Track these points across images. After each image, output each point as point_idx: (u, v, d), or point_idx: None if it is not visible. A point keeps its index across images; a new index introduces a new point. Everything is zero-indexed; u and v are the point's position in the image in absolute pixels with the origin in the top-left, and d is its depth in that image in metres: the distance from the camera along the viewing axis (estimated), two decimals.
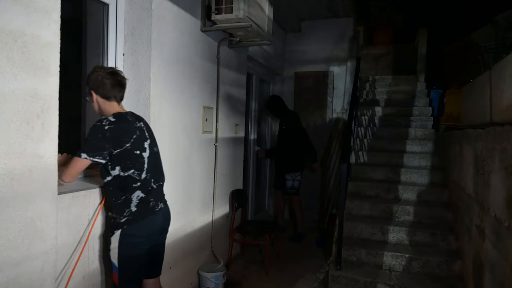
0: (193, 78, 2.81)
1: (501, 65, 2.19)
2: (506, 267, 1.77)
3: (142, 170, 1.80)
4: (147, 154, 1.85)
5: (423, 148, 4.23)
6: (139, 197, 1.79)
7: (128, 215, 1.77)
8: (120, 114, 1.81)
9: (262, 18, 3.05)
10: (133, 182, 1.77)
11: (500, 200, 1.88)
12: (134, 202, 1.78)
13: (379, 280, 2.82)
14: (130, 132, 1.78)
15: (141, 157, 1.80)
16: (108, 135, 1.68)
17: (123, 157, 1.72)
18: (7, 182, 1.32)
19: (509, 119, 1.96)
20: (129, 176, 1.75)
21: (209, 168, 3.16)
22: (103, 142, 1.67)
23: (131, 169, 1.75)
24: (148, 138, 1.89)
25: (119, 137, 1.72)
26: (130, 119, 1.84)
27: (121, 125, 1.75)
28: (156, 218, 1.88)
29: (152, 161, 1.88)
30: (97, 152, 1.66)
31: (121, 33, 2.33)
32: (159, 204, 1.91)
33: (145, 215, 1.82)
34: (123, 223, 1.77)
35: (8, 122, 1.31)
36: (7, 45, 1.30)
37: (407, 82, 5.46)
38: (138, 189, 1.79)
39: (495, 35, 5.58)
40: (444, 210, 3.36)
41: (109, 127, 1.69)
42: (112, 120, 1.73)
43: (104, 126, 1.69)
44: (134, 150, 1.77)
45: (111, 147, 1.69)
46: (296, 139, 4.33)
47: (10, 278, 1.35)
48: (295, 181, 4.32)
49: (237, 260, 3.66)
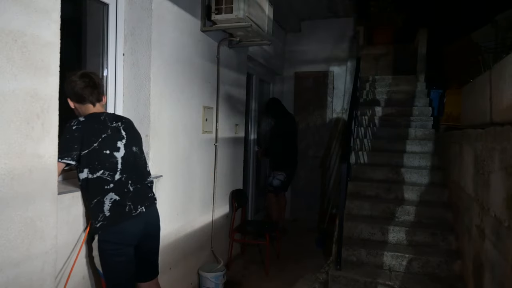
0: (193, 78, 2.81)
1: (501, 65, 2.19)
2: (506, 267, 1.77)
3: (115, 170, 1.72)
4: (121, 154, 1.76)
5: (423, 148, 4.23)
6: (112, 200, 1.70)
7: (102, 220, 1.69)
8: (92, 114, 1.75)
9: (262, 18, 3.05)
10: (105, 184, 1.69)
11: (500, 200, 1.88)
12: (107, 205, 1.69)
13: (379, 280, 2.82)
14: (99, 131, 1.71)
15: (112, 157, 1.72)
16: (76, 135, 1.64)
17: (91, 157, 1.66)
18: (7, 182, 1.32)
19: (509, 119, 1.96)
20: (98, 177, 1.67)
21: (209, 168, 3.16)
22: (72, 143, 1.63)
23: (100, 170, 1.68)
24: (124, 138, 1.81)
25: (86, 137, 1.66)
26: (103, 118, 1.77)
27: (89, 124, 1.69)
28: (133, 224, 1.76)
29: (129, 161, 1.80)
30: (66, 153, 1.61)
31: (121, 33, 2.33)
32: (139, 208, 1.79)
33: (118, 220, 1.71)
34: (98, 228, 1.70)
35: (8, 122, 1.31)
36: (7, 45, 1.30)
37: (407, 82, 5.46)
38: (111, 191, 1.70)
39: (495, 35, 5.58)
40: (444, 210, 3.36)
41: (77, 127, 1.65)
42: (81, 120, 1.68)
43: (72, 127, 1.65)
44: (103, 149, 1.69)
45: (79, 147, 1.64)
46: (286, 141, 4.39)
47: (10, 278, 1.35)
48: (275, 179, 4.31)
49: (237, 260, 3.66)
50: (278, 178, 4.31)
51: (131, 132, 1.88)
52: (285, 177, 4.33)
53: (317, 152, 5.05)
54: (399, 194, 3.70)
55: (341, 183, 3.00)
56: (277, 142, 4.39)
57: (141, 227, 1.82)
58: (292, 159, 4.46)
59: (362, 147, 4.45)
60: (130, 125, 1.92)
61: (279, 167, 4.35)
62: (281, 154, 4.36)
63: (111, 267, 1.74)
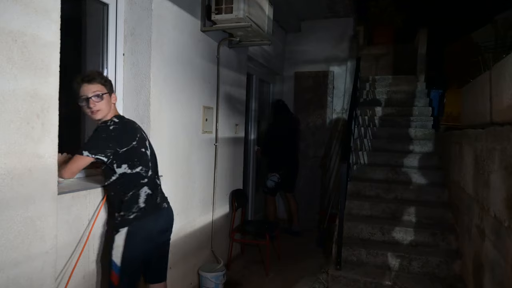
0: (193, 78, 2.81)
1: (501, 65, 2.19)
2: (506, 267, 1.77)
3: (148, 167, 1.85)
4: (149, 152, 1.90)
5: (423, 148, 4.23)
6: (146, 193, 1.83)
7: (137, 211, 1.80)
8: (122, 116, 1.87)
9: (262, 18, 3.05)
10: (141, 179, 1.82)
11: (500, 200, 1.88)
12: (142, 198, 1.82)
13: (379, 280, 2.82)
14: (135, 131, 1.83)
15: (146, 155, 1.85)
16: (113, 135, 1.71)
17: (130, 155, 1.76)
18: (7, 182, 1.32)
19: (509, 119, 1.96)
20: (137, 173, 1.80)
21: (209, 168, 3.16)
22: (107, 141, 1.70)
23: (139, 166, 1.80)
24: (147, 138, 1.95)
25: (125, 136, 1.76)
26: (130, 120, 1.90)
27: (125, 125, 1.80)
28: (161, 216, 1.92)
29: (153, 160, 1.94)
30: (100, 150, 1.69)
31: (121, 33, 2.33)
32: (163, 203, 1.96)
33: (152, 212, 1.85)
34: (132, 220, 1.78)
35: (8, 122, 1.31)
36: (7, 45, 1.30)
37: (407, 82, 5.47)
38: (145, 185, 1.83)
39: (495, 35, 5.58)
40: (444, 210, 3.36)
41: (114, 127, 1.73)
42: (116, 121, 1.77)
43: (109, 127, 1.72)
44: (140, 148, 1.82)
45: (117, 146, 1.72)
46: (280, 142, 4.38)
47: (10, 278, 1.35)
48: (268, 181, 4.35)
49: (237, 260, 3.66)
50: (272, 179, 4.34)
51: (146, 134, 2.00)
52: (278, 178, 4.34)
53: (317, 152, 5.05)
54: (399, 194, 3.70)
55: (341, 183, 3.00)
56: (271, 143, 4.43)
57: (166, 220, 1.98)
58: (287, 159, 4.46)
59: (362, 147, 4.45)
60: None
61: (273, 168, 4.39)
62: (275, 155, 4.39)
63: (132, 259, 1.80)
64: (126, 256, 1.78)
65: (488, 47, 4.92)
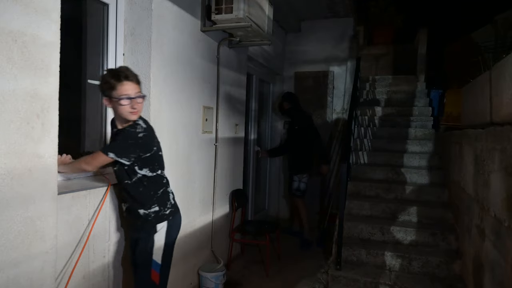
0: (193, 78, 2.81)
1: (501, 65, 2.19)
2: (506, 267, 1.77)
3: (164, 168, 1.94)
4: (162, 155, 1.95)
5: (423, 148, 4.24)
6: (171, 191, 1.97)
7: (171, 207, 1.91)
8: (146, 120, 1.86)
9: (262, 18, 3.05)
10: (162, 180, 1.91)
11: (500, 200, 1.88)
12: (171, 195, 1.95)
13: (379, 280, 2.82)
14: (155, 137, 1.87)
15: (162, 157, 1.92)
16: (140, 142, 1.74)
17: (152, 159, 1.82)
18: (7, 182, 1.32)
19: (509, 119, 1.96)
20: (157, 175, 1.87)
21: (209, 168, 3.16)
22: (134, 148, 1.73)
23: (159, 170, 1.88)
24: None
25: (149, 144, 1.80)
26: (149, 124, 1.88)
27: (150, 132, 1.83)
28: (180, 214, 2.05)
29: None
30: (125, 155, 1.72)
31: (121, 33, 2.33)
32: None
33: (177, 209, 2.00)
34: (168, 215, 1.89)
35: (8, 122, 1.31)
36: (7, 45, 1.30)
37: (407, 82, 5.47)
38: (167, 184, 1.94)
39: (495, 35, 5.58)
40: (444, 210, 3.36)
41: (143, 134, 1.75)
42: (144, 127, 1.78)
43: (138, 134, 1.74)
44: (159, 151, 1.88)
45: (141, 151, 1.76)
46: (308, 139, 4.17)
47: (10, 278, 1.35)
48: (301, 183, 4.13)
49: (237, 260, 3.66)
50: (303, 181, 4.14)
51: None
52: (308, 179, 4.20)
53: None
54: (399, 194, 3.70)
55: (341, 183, 3.00)
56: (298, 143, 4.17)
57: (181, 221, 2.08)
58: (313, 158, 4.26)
59: (362, 147, 4.45)
60: None
61: (302, 168, 4.14)
62: (302, 155, 4.15)
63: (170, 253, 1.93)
64: (166, 253, 1.88)
65: (488, 47, 4.93)
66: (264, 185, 5.22)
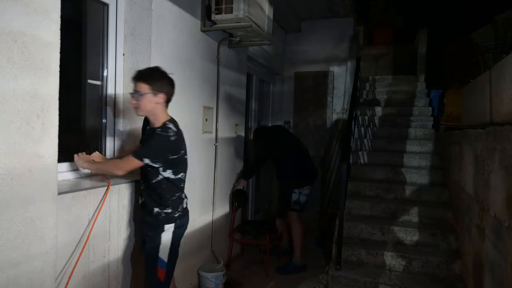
0: (193, 78, 2.81)
1: (501, 65, 2.19)
2: (506, 267, 1.77)
3: (186, 172, 1.97)
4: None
5: (423, 148, 4.24)
6: (185, 195, 2.01)
7: (181, 211, 1.96)
8: (176, 122, 1.91)
9: (262, 18, 3.05)
10: (181, 183, 1.95)
11: (500, 200, 1.88)
12: (185, 200, 2.00)
13: (379, 280, 2.82)
14: (183, 140, 1.92)
15: (187, 161, 1.96)
16: (171, 146, 1.80)
17: (177, 162, 1.85)
18: (7, 182, 1.32)
19: (509, 119, 1.96)
20: (179, 178, 1.90)
21: (209, 168, 3.16)
22: (165, 151, 1.79)
23: (182, 172, 1.91)
24: None
25: (178, 147, 1.85)
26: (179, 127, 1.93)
27: (180, 135, 1.89)
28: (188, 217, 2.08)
29: None
30: (158, 159, 1.78)
31: (121, 33, 2.33)
32: None
33: (187, 213, 2.04)
34: (177, 217, 1.93)
35: (8, 122, 1.31)
36: (7, 45, 1.30)
37: (407, 82, 5.47)
38: (183, 189, 1.99)
39: (495, 35, 5.59)
40: (444, 210, 3.36)
41: (175, 137, 1.81)
42: (175, 131, 1.83)
43: (170, 137, 1.79)
44: (185, 155, 1.92)
45: (170, 155, 1.80)
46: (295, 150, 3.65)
47: (10, 278, 1.35)
48: (301, 195, 3.52)
49: (237, 260, 3.66)
50: (305, 193, 3.54)
51: None
52: (310, 191, 3.62)
53: (317, 152, 5.05)
54: (399, 194, 3.70)
55: (341, 183, 3.00)
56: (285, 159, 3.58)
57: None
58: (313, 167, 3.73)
59: (362, 147, 4.45)
60: None
61: (303, 182, 3.54)
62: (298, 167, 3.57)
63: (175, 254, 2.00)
64: (172, 252, 1.94)
65: (488, 47, 4.93)
66: (264, 185, 5.22)
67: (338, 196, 3.63)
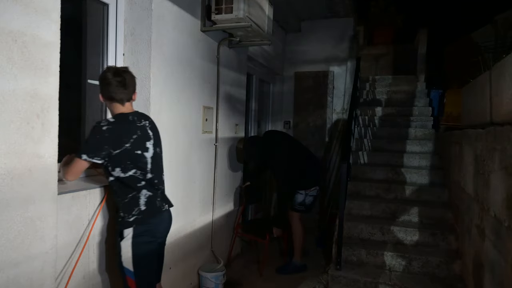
0: (193, 78, 2.81)
1: (501, 65, 2.19)
2: (506, 267, 1.77)
3: (146, 170, 1.79)
4: (150, 154, 1.82)
5: (423, 148, 4.24)
6: (146, 195, 1.80)
7: (137, 214, 1.76)
8: (121, 114, 1.78)
9: (262, 18, 3.05)
10: (137, 182, 1.77)
11: (500, 200, 1.88)
12: (142, 200, 1.78)
13: (379, 280, 2.82)
14: (130, 132, 1.74)
15: (143, 157, 1.78)
16: (106, 136, 1.66)
17: (123, 157, 1.70)
18: (7, 182, 1.32)
19: (509, 119, 1.96)
20: (131, 176, 1.74)
21: (209, 168, 3.16)
22: (101, 143, 1.65)
23: (133, 169, 1.74)
24: (151, 138, 1.86)
25: (118, 138, 1.69)
26: (132, 118, 1.80)
27: (120, 125, 1.73)
28: (162, 219, 1.89)
29: (156, 162, 1.86)
30: (96, 153, 1.65)
31: (121, 33, 2.33)
32: (164, 205, 1.91)
33: (152, 214, 1.82)
34: (132, 222, 1.75)
35: (8, 122, 1.31)
36: (7, 45, 1.30)
37: (407, 82, 5.47)
38: (143, 188, 1.79)
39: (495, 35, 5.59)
40: (444, 210, 3.36)
41: (107, 127, 1.67)
42: (111, 121, 1.71)
43: (102, 127, 1.67)
44: (134, 150, 1.74)
45: (110, 148, 1.67)
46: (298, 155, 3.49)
47: (10, 278, 1.35)
48: (308, 196, 3.37)
49: (237, 260, 3.66)
50: (312, 194, 3.39)
51: (156, 133, 1.93)
52: (318, 192, 3.47)
53: (317, 152, 5.05)
54: (399, 194, 3.70)
55: (341, 183, 3.00)
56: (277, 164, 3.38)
57: (167, 223, 1.96)
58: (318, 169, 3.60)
59: (362, 147, 4.45)
60: (154, 125, 1.95)
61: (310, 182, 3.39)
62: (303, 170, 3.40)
63: (144, 261, 1.80)
64: (137, 260, 1.77)
65: (488, 47, 4.93)
66: (263, 184, 5.21)
67: (338, 196, 3.63)
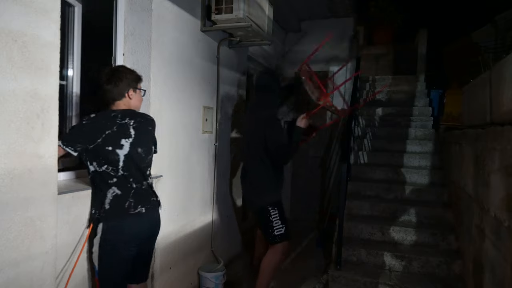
0: (193, 78, 2.81)
1: (501, 65, 2.19)
2: (506, 267, 1.77)
3: (117, 167, 1.75)
4: (124, 151, 1.76)
5: (423, 148, 4.24)
6: (114, 194, 1.75)
7: (102, 212, 1.74)
8: (106, 111, 1.80)
9: (262, 18, 3.05)
10: (108, 178, 1.75)
11: (500, 200, 1.88)
12: (108, 198, 1.74)
13: (379, 280, 2.82)
14: (105, 127, 1.72)
15: (114, 154, 1.73)
16: (83, 130, 1.69)
17: (96, 152, 1.71)
18: (7, 182, 1.32)
19: (509, 119, 1.96)
20: (104, 171, 1.74)
21: (209, 168, 3.16)
22: (77, 136, 1.68)
23: (105, 165, 1.73)
24: (131, 137, 1.79)
25: (92, 133, 1.70)
26: (113, 115, 1.77)
27: (97, 120, 1.73)
28: (134, 222, 1.79)
29: (133, 161, 1.80)
30: (70, 143, 1.66)
31: (121, 33, 2.33)
32: (138, 207, 1.80)
33: (115, 216, 1.75)
34: (100, 219, 1.74)
35: (8, 122, 1.31)
36: (7, 45, 1.30)
37: (407, 82, 5.47)
38: (114, 185, 1.75)
39: (495, 35, 5.59)
40: (444, 210, 3.36)
41: (86, 122, 1.71)
42: (91, 116, 1.73)
43: (83, 121, 1.72)
44: (105, 145, 1.71)
45: (86, 142, 1.68)
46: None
47: (10, 278, 1.35)
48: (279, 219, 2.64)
49: (237, 260, 3.66)
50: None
51: (142, 133, 1.86)
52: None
53: (317, 152, 5.05)
54: (399, 194, 3.70)
55: (341, 183, 3.00)
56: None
57: (142, 228, 1.84)
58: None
59: (362, 147, 4.45)
60: (145, 125, 1.91)
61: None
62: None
63: (106, 264, 1.75)
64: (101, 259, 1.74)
65: (488, 47, 4.93)
66: None
67: (338, 196, 3.63)
